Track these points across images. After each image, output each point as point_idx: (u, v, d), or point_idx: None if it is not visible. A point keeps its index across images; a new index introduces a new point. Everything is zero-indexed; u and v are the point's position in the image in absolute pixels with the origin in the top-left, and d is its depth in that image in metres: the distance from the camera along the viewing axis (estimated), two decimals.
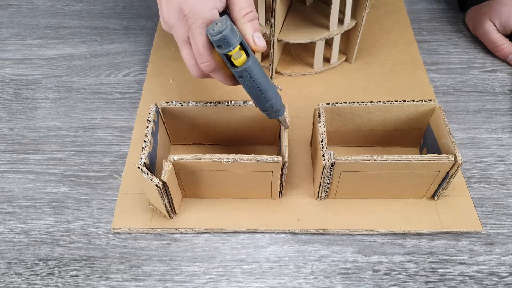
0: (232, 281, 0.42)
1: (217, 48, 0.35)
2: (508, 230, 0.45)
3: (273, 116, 0.41)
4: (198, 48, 0.36)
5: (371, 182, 0.44)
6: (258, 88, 0.37)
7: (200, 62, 0.37)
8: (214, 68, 0.37)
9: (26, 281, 0.43)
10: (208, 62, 0.36)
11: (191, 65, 0.39)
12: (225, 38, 0.33)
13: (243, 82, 0.37)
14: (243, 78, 0.36)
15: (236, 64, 0.35)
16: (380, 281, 0.42)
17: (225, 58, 0.36)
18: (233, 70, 0.36)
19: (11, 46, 0.66)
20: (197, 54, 0.36)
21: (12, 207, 0.48)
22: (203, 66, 0.37)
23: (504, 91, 0.59)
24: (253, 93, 0.38)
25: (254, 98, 0.39)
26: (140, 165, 0.40)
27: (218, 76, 0.38)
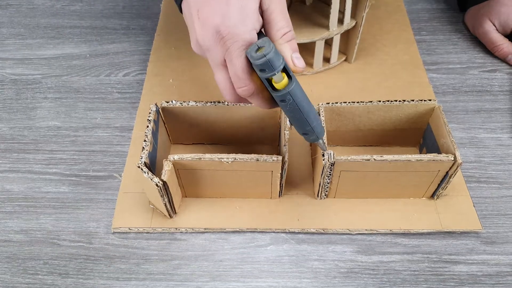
0: (232, 281, 0.42)
1: (259, 72, 0.33)
2: (507, 230, 0.45)
3: (312, 140, 0.39)
4: (236, 72, 0.34)
5: (370, 181, 0.44)
6: (300, 111, 0.35)
7: (238, 87, 0.35)
8: (253, 92, 0.35)
9: (27, 280, 0.43)
10: (247, 87, 0.34)
11: (226, 89, 0.37)
12: (269, 62, 0.31)
13: (284, 106, 0.35)
14: (285, 102, 0.34)
15: (277, 87, 0.33)
16: (380, 281, 0.42)
17: (266, 82, 0.34)
18: (274, 94, 0.34)
19: (11, 46, 0.66)
20: (235, 78, 0.34)
21: (13, 206, 0.48)
22: (241, 91, 0.35)
23: (503, 91, 0.59)
24: (295, 116, 0.36)
25: (294, 121, 0.37)
26: (140, 165, 0.40)
27: (256, 100, 0.36)
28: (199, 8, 0.34)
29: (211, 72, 0.60)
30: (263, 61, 0.31)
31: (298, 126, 0.38)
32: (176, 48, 0.64)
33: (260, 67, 0.32)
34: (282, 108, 0.36)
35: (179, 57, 0.63)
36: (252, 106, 0.45)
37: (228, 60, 0.34)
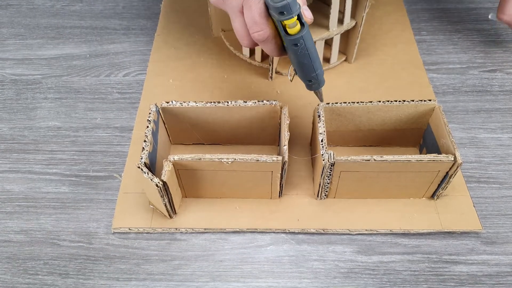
0: (232, 281, 0.42)
1: (278, 15, 0.35)
2: (507, 230, 0.46)
3: (314, 88, 0.43)
4: (253, 17, 0.36)
5: (370, 182, 0.44)
6: (309, 56, 0.39)
7: (254, 31, 0.37)
8: (267, 36, 0.37)
9: (27, 280, 0.43)
10: (263, 31, 0.37)
11: (242, 34, 0.39)
12: (289, 5, 0.34)
13: (295, 51, 0.38)
14: (298, 46, 0.37)
15: (291, 32, 0.37)
16: (380, 281, 0.42)
17: (281, 27, 0.36)
18: (289, 38, 0.37)
19: (11, 46, 0.66)
20: (252, 23, 0.37)
21: (13, 206, 0.48)
22: (256, 35, 0.37)
23: (503, 91, 0.59)
24: (303, 62, 0.39)
25: (301, 67, 0.40)
26: (140, 165, 0.40)
27: (269, 46, 0.39)
28: None
29: (211, 72, 0.61)
30: (284, 4, 0.34)
31: (304, 73, 0.41)
32: (176, 48, 0.64)
33: (280, 10, 0.35)
34: (292, 54, 0.39)
35: (179, 57, 0.63)
36: (252, 107, 0.45)
37: (246, 7, 0.36)
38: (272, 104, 0.45)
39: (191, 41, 0.65)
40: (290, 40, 0.37)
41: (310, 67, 0.40)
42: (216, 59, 0.62)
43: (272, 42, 0.38)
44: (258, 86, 0.59)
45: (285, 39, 0.37)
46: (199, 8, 0.70)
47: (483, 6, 0.71)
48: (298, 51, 0.38)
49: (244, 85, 0.59)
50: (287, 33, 0.37)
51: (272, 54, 0.40)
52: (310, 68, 0.40)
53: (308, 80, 0.42)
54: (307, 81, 0.42)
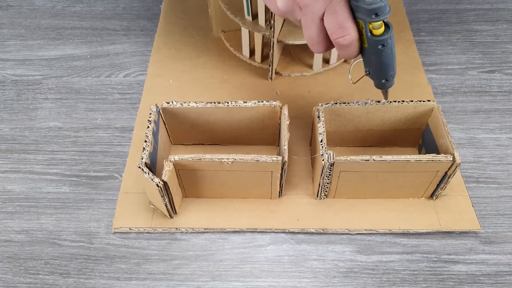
0: (232, 280, 0.43)
1: (371, 17, 0.35)
2: (506, 229, 0.46)
3: (388, 85, 0.42)
4: (341, 22, 0.36)
5: (370, 182, 0.44)
6: (391, 56, 0.39)
7: (339, 36, 0.37)
8: (353, 40, 0.37)
9: (28, 280, 0.43)
10: (349, 35, 0.36)
11: (318, 41, 0.39)
12: (384, 6, 0.34)
13: (380, 51, 0.38)
14: (385, 46, 0.37)
15: (376, 33, 0.36)
16: (379, 280, 0.43)
17: (367, 29, 0.36)
18: (375, 39, 0.37)
19: (12, 47, 0.66)
20: (337, 28, 0.36)
21: (14, 206, 0.48)
22: (342, 40, 0.37)
23: (502, 91, 0.59)
24: (386, 61, 0.39)
25: (383, 67, 0.40)
26: (141, 165, 0.40)
27: (351, 49, 0.38)
28: None
29: (211, 72, 0.61)
30: (379, 5, 0.34)
31: (384, 72, 0.40)
32: (176, 49, 0.64)
33: (375, 11, 0.34)
34: (375, 54, 0.38)
35: (179, 57, 0.63)
36: (252, 107, 0.45)
37: (330, 12, 0.36)
38: (272, 105, 0.45)
39: (191, 42, 0.65)
40: (377, 41, 0.37)
41: (391, 66, 0.40)
42: (216, 60, 0.63)
43: (356, 45, 0.38)
44: (258, 87, 0.59)
45: (370, 41, 0.37)
46: (199, 9, 0.70)
47: (482, 7, 0.71)
48: (383, 51, 0.38)
49: (244, 86, 0.59)
50: (372, 35, 0.37)
51: (350, 56, 0.39)
52: (390, 67, 0.40)
53: (385, 79, 0.41)
54: (383, 80, 0.41)
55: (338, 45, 0.37)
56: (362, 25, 0.36)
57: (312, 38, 0.39)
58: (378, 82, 0.42)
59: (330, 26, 0.36)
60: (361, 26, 0.36)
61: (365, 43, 0.38)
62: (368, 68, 0.41)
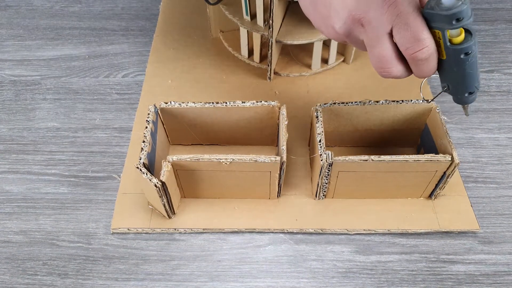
0: (231, 281, 0.43)
1: (452, 23, 0.30)
2: (504, 229, 0.46)
3: (472, 99, 0.37)
4: (415, 34, 0.31)
5: (368, 182, 0.44)
6: (476, 64, 0.34)
7: (416, 50, 0.32)
8: (432, 53, 0.32)
9: (26, 281, 0.43)
10: (428, 46, 0.32)
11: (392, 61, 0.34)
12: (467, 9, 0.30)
13: (464, 61, 0.33)
14: (469, 54, 0.32)
15: (455, 42, 0.32)
16: (378, 280, 0.42)
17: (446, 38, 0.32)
18: (458, 47, 0.32)
19: (10, 47, 0.66)
20: (412, 42, 0.32)
21: (12, 207, 0.48)
22: (420, 54, 0.32)
23: (501, 91, 0.59)
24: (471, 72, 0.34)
25: (467, 78, 0.35)
26: (139, 165, 0.40)
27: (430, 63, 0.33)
28: None
29: (210, 72, 0.61)
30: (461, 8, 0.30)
31: (468, 84, 0.35)
32: (174, 49, 0.64)
33: (457, 16, 0.30)
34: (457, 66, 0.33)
35: (177, 58, 0.63)
36: (250, 107, 0.45)
37: (400, 25, 0.32)
38: (271, 105, 0.45)
39: (189, 42, 0.65)
40: (460, 50, 0.32)
41: (475, 76, 0.35)
42: (215, 60, 0.63)
43: (434, 59, 0.33)
44: (256, 87, 0.59)
45: (450, 51, 0.32)
46: (197, 9, 0.70)
47: (480, 7, 0.71)
48: (467, 61, 0.33)
49: (242, 86, 0.59)
50: (452, 44, 0.32)
51: (428, 74, 0.34)
52: (475, 77, 0.35)
53: (469, 92, 0.36)
54: (467, 93, 0.36)
55: (416, 60, 0.33)
56: (439, 34, 0.32)
57: (382, 58, 0.34)
58: (460, 96, 0.36)
59: (403, 41, 0.32)
60: (438, 36, 0.32)
61: (443, 55, 0.33)
62: (447, 83, 0.36)
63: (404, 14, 0.31)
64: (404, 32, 0.32)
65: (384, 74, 0.35)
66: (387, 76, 0.35)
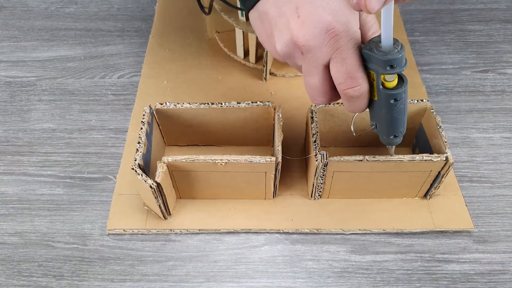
0: (227, 281, 0.43)
1: (385, 69, 0.31)
2: (499, 228, 0.46)
3: (396, 142, 0.38)
4: (350, 71, 0.32)
5: (363, 182, 0.44)
6: (404, 111, 0.35)
7: (348, 87, 0.33)
8: (363, 92, 0.33)
9: (21, 282, 0.43)
10: (360, 86, 0.32)
11: (321, 92, 0.35)
12: (402, 58, 0.31)
13: (392, 106, 0.34)
14: (398, 100, 0.33)
15: (388, 86, 0.33)
16: (373, 280, 0.43)
17: (379, 81, 0.33)
18: (389, 92, 0.33)
19: (6, 48, 0.66)
20: (346, 78, 0.32)
21: (7, 208, 0.48)
22: (351, 91, 0.33)
23: (495, 91, 0.59)
24: (397, 117, 0.35)
25: (393, 122, 0.36)
26: (134, 166, 0.40)
27: (360, 102, 0.34)
28: (298, 6, 0.32)
29: (205, 73, 0.61)
30: (396, 56, 0.31)
31: (393, 128, 0.36)
32: (170, 50, 0.64)
33: (391, 63, 0.31)
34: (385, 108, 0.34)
35: (173, 59, 0.63)
36: (246, 108, 0.45)
37: (337, 59, 0.32)
38: (266, 105, 0.45)
39: (185, 43, 0.65)
40: (390, 95, 0.33)
41: (401, 122, 0.36)
42: (211, 61, 0.63)
43: (365, 98, 0.34)
44: (252, 87, 0.59)
45: (381, 94, 0.33)
46: (193, 10, 0.70)
47: (475, 7, 0.72)
48: (396, 106, 0.34)
49: (238, 86, 0.59)
50: (384, 88, 0.33)
51: (357, 110, 0.35)
52: (401, 123, 0.36)
53: (394, 135, 0.37)
54: (392, 136, 0.37)
55: (347, 96, 0.33)
56: (373, 76, 0.33)
57: (314, 88, 0.35)
58: (386, 137, 0.38)
59: (338, 75, 0.32)
60: (372, 77, 0.33)
61: (374, 95, 0.34)
62: (375, 122, 0.37)
63: (343, 50, 0.32)
64: (340, 67, 0.32)
65: (313, 101, 0.37)
66: (316, 103, 0.37)
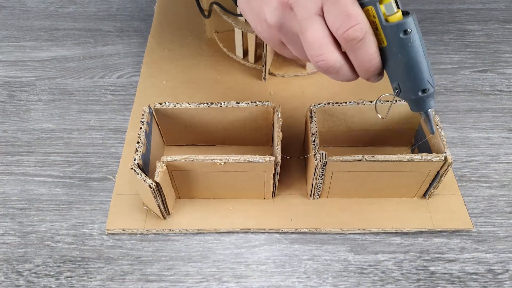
0: (226, 281, 0.43)
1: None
2: (498, 228, 0.46)
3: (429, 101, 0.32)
4: (345, 9, 0.29)
5: (363, 181, 0.44)
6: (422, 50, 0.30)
7: (349, 26, 0.29)
8: (366, 31, 0.30)
9: (20, 282, 0.43)
10: (360, 23, 0.29)
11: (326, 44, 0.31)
12: None
13: (405, 42, 0.30)
14: (409, 33, 0.29)
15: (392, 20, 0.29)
16: (373, 280, 0.43)
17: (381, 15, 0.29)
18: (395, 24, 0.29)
19: (5, 48, 0.66)
20: (343, 18, 0.29)
21: (6, 209, 0.48)
22: (352, 31, 0.29)
23: (494, 91, 0.59)
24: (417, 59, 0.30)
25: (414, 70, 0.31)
26: (133, 166, 0.40)
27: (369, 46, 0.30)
28: None
29: (205, 73, 0.61)
30: None
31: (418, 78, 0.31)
32: (169, 50, 0.64)
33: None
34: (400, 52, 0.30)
35: (172, 58, 0.63)
36: (245, 108, 0.45)
37: (330, 2, 0.30)
38: (265, 105, 0.45)
39: (184, 43, 0.65)
40: (398, 26, 0.29)
41: (424, 66, 0.30)
42: (210, 61, 0.63)
43: (371, 40, 0.30)
44: (251, 87, 0.59)
45: (388, 30, 0.30)
46: (192, 9, 0.70)
47: (474, 7, 0.72)
48: (409, 41, 0.29)
49: (237, 86, 0.59)
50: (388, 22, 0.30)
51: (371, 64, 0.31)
52: (423, 67, 0.31)
53: (422, 90, 0.32)
54: (419, 92, 0.32)
55: (349, 41, 0.30)
56: (373, 12, 0.29)
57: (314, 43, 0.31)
58: (414, 97, 0.32)
59: (333, 19, 0.30)
60: (372, 14, 0.30)
61: (383, 40, 0.30)
62: (397, 82, 0.32)
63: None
64: (333, 10, 0.30)
65: (320, 64, 0.32)
66: (324, 66, 0.32)
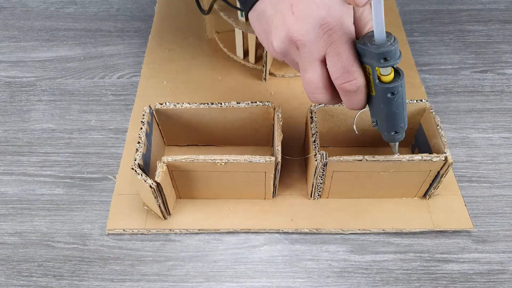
0: (226, 281, 0.43)
1: (380, 62, 0.31)
2: (498, 228, 0.46)
3: (398, 138, 0.38)
4: (345, 65, 0.32)
5: (363, 181, 0.45)
6: (402, 105, 0.35)
7: (345, 81, 0.33)
8: (360, 86, 0.33)
9: (21, 282, 0.43)
10: (356, 80, 0.33)
11: (320, 88, 0.34)
12: (395, 50, 0.31)
13: (390, 100, 0.34)
14: (395, 94, 0.33)
15: (384, 80, 0.33)
16: (373, 280, 0.43)
17: (375, 75, 0.33)
18: (385, 86, 0.33)
19: (5, 48, 0.66)
20: (342, 72, 0.32)
21: (7, 209, 0.48)
22: (348, 85, 0.33)
23: (494, 91, 0.59)
24: (396, 111, 0.35)
25: (392, 117, 0.36)
26: (134, 166, 0.40)
27: (358, 97, 0.34)
28: (292, 3, 0.33)
29: (205, 73, 0.61)
30: (389, 49, 0.30)
31: (393, 123, 0.36)
32: (170, 50, 0.64)
33: (384, 55, 0.31)
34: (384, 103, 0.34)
35: (173, 59, 0.63)
36: (246, 108, 0.45)
37: (333, 54, 0.32)
38: (266, 105, 0.45)
39: (185, 43, 0.65)
40: (386, 88, 0.33)
41: (401, 117, 0.36)
42: (210, 61, 0.63)
43: (363, 92, 0.34)
44: (251, 88, 0.59)
45: (378, 88, 0.33)
46: (193, 10, 0.70)
47: (474, 8, 0.72)
48: (393, 100, 0.34)
49: (238, 87, 0.59)
50: (380, 82, 0.33)
51: (357, 106, 0.35)
52: (400, 118, 0.36)
53: (394, 131, 0.37)
54: (393, 132, 0.37)
55: (344, 91, 0.33)
56: (369, 70, 0.33)
57: (310, 83, 0.34)
58: (387, 134, 0.38)
59: (334, 69, 0.33)
60: (368, 71, 0.33)
61: (372, 91, 0.34)
62: (376, 119, 0.37)
63: (338, 44, 0.32)
64: (335, 61, 0.32)
65: (312, 99, 0.36)
66: (314, 101, 0.36)
